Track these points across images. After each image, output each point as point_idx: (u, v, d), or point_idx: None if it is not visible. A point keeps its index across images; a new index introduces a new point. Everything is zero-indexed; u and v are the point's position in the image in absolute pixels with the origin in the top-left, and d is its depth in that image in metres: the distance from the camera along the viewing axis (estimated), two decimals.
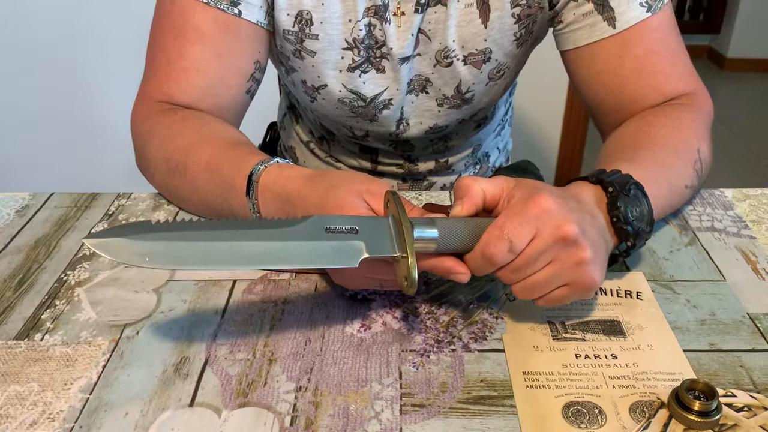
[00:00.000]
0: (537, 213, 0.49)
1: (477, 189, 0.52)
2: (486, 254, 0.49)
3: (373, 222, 0.51)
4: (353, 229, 0.50)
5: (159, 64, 0.74)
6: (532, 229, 0.49)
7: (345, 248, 0.49)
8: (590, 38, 0.72)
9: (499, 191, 0.53)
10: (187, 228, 0.47)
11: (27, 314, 0.58)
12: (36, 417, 0.48)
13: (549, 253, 0.49)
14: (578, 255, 0.50)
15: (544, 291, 0.51)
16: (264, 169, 0.61)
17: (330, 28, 0.75)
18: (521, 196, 0.51)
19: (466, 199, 0.52)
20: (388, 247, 0.50)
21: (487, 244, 0.49)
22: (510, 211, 0.50)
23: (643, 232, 0.57)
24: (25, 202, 0.76)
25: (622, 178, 0.57)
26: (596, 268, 0.51)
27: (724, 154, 2.81)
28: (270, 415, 0.48)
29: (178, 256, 0.46)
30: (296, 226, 0.49)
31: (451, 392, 0.50)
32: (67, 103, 2.01)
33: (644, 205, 0.57)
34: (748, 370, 0.52)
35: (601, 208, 0.56)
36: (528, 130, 2.21)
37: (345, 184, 0.55)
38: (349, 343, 0.55)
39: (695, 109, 0.71)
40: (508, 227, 0.49)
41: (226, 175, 0.63)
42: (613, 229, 0.56)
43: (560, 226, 0.49)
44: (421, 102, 0.83)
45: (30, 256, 0.66)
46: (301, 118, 1.00)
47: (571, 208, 0.51)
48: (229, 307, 0.59)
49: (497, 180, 0.53)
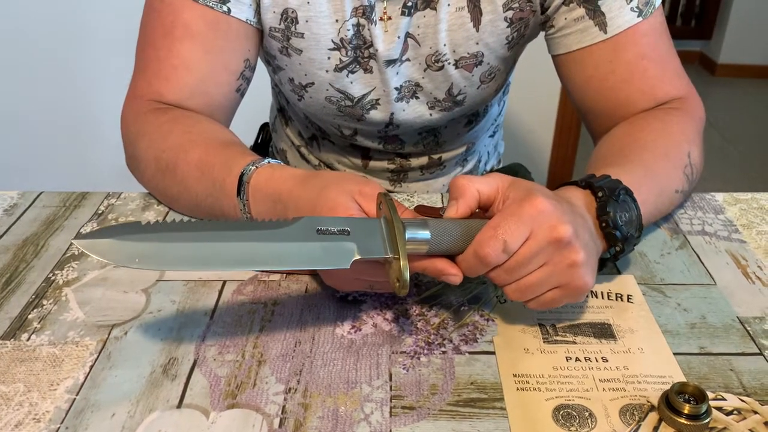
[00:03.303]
0: (532, 214, 0.49)
1: (472, 190, 0.52)
2: (480, 254, 0.49)
3: (365, 223, 0.51)
4: (345, 231, 0.49)
5: (148, 62, 0.73)
6: (527, 229, 0.49)
7: (337, 249, 0.49)
8: (581, 43, 0.72)
9: (494, 191, 0.52)
10: (177, 229, 0.46)
11: (14, 314, 0.58)
12: (21, 418, 0.47)
13: (543, 255, 0.49)
14: (571, 257, 0.50)
15: (537, 293, 0.51)
16: (255, 169, 0.60)
17: (316, 27, 0.74)
18: (516, 197, 0.51)
19: (461, 200, 0.52)
20: (380, 248, 0.49)
21: (481, 244, 0.49)
22: (505, 211, 0.50)
23: (632, 237, 0.57)
24: (13, 200, 0.75)
25: (612, 183, 0.57)
26: (588, 271, 0.51)
27: (716, 159, 2.83)
28: (259, 417, 0.47)
29: (168, 258, 0.45)
30: (287, 228, 0.49)
31: (441, 394, 0.50)
32: (56, 102, 2.00)
33: (633, 210, 0.57)
34: (738, 374, 0.52)
35: (590, 212, 0.56)
36: (520, 134, 2.22)
37: (337, 185, 0.54)
38: (339, 345, 0.54)
39: (686, 113, 0.72)
40: (503, 228, 0.48)
41: (217, 175, 0.63)
42: (602, 234, 0.56)
43: (555, 228, 0.49)
44: (413, 108, 0.83)
45: (17, 255, 0.66)
46: (291, 120, 0.99)
47: (564, 210, 0.51)
48: (219, 308, 0.58)
49: (492, 179, 0.53)
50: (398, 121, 0.84)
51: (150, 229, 0.46)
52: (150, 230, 0.46)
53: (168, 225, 0.47)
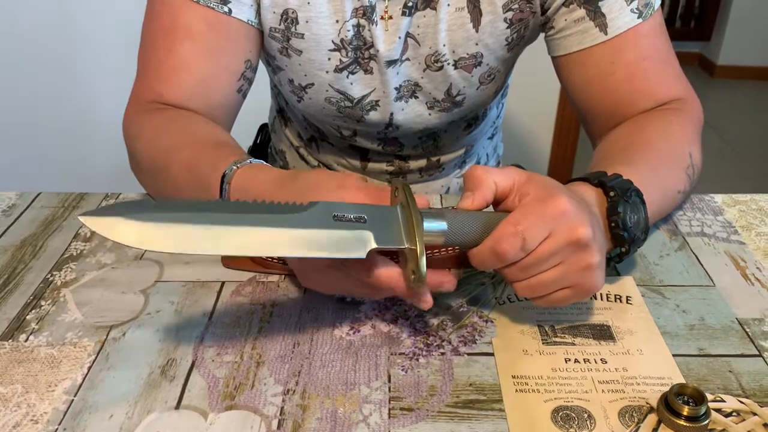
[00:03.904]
0: (554, 214, 0.48)
1: (489, 182, 0.51)
2: (497, 250, 0.48)
3: (382, 211, 0.49)
4: (362, 218, 0.47)
5: (149, 63, 0.73)
6: (548, 229, 0.48)
7: (353, 238, 0.46)
8: (582, 44, 0.72)
9: (510, 184, 0.51)
10: (188, 209, 0.44)
11: (12, 315, 0.57)
12: (19, 419, 0.47)
13: (560, 255, 0.49)
14: (587, 259, 0.49)
15: (548, 291, 0.51)
16: (236, 170, 0.59)
17: (316, 28, 0.74)
18: (537, 195, 0.50)
19: (477, 192, 0.51)
20: (397, 238, 0.48)
21: (500, 240, 0.48)
22: (526, 208, 0.49)
23: (638, 239, 0.57)
24: (11, 201, 0.75)
25: (624, 184, 0.57)
26: (600, 273, 0.51)
27: (715, 161, 2.83)
28: (257, 418, 0.47)
29: (178, 239, 0.43)
30: (304, 213, 0.46)
31: (440, 396, 0.49)
32: (55, 103, 1.99)
33: (641, 212, 0.57)
34: (737, 375, 0.52)
35: (600, 211, 0.56)
36: (519, 135, 2.22)
37: (315, 190, 0.52)
38: (338, 346, 0.54)
39: (686, 114, 0.72)
40: (524, 225, 0.48)
41: (203, 175, 0.62)
42: (609, 234, 0.56)
43: (575, 229, 0.48)
44: (411, 108, 0.83)
45: (16, 256, 0.65)
46: (290, 122, 0.99)
47: (584, 211, 0.50)
48: (217, 309, 0.58)
49: (508, 172, 0.51)
50: (397, 122, 0.84)
51: (161, 208, 0.43)
52: (161, 209, 0.43)
53: (179, 204, 0.45)
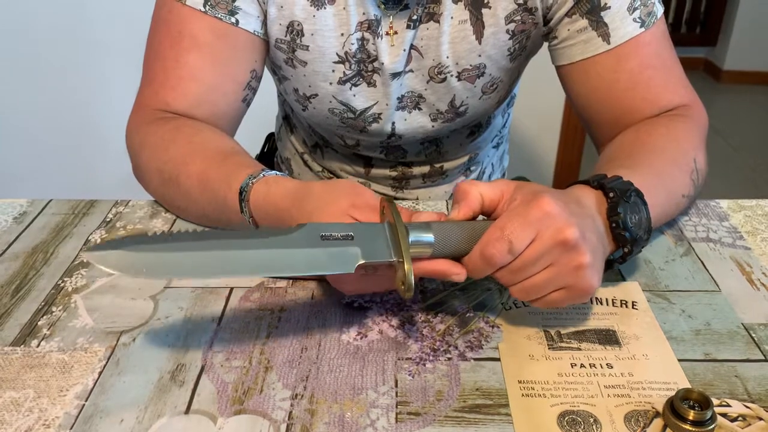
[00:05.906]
0: (539, 216, 0.49)
1: (475, 193, 0.53)
2: (485, 254, 0.49)
3: (369, 228, 0.51)
4: (349, 236, 0.50)
5: (155, 72, 0.74)
6: (533, 231, 0.49)
7: (341, 254, 0.49)
8: (585, 54, 0.73)
9: (498, 194, 0.53)
10: (184, 239, 0.47)
11: (23, 321, 0.58)
12: (31, 423, 0.48)
13: (548, 257, 0.50)
14: (577, 259, 0.50)
15: (542, 293, 0.52)
16: (252, 186, 0.61)
17: (321, 40, 0.75)
18: (523, 199, 0.51)
19: (463, 203, 0.53)
20: (384, 252, 0.50)
21: (487, 244, 0.49)
22: (511, 212, 0.50)
23: (641, 239, 0.57)
24: (23, 208, 0.76)
25: (623, 185, 0.58)
26: (594, 273, 0.51)
27: (720, 166, 2.82)
28: (266, 423, 0.48)
29: (175, 267, 0.46)
30: (292, 235, 0.49)
31: (446, 400, 0.50)
32: (63, 111, 2.01)
33: (643, 212, 0.57)
34: (743, 380, 0.52)
35: (600, 212, 0.56)
36: (525, 144, 2.22)
37: (329, 205, 0.55)
38: (345, 351, 0.55)
39: (691, 119, 0.72)
40: (509, 228, 0.49)
41: (218, 191, 0.64)
42: (611, 235, 0.56)
43: (561, 230, 0.49)
44: (414, 119, 0.83)
45: (27, 262, 0.66)
46: (295, 128, 1.00)
47: (572, 212, 0.51)
48: (226, 315, 0.59)
49: (497, 184, 0.53)
50: (400, 132, 0.84)
51: (157, 240, 0.47)
52: (157, 241, 0.47)
53: (174, 236, 0.47)
